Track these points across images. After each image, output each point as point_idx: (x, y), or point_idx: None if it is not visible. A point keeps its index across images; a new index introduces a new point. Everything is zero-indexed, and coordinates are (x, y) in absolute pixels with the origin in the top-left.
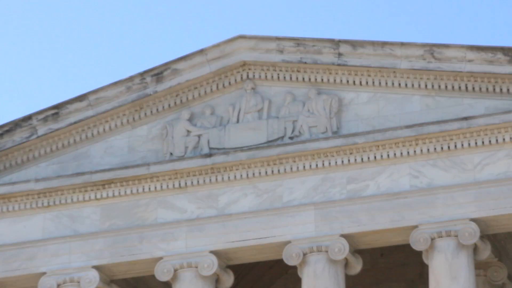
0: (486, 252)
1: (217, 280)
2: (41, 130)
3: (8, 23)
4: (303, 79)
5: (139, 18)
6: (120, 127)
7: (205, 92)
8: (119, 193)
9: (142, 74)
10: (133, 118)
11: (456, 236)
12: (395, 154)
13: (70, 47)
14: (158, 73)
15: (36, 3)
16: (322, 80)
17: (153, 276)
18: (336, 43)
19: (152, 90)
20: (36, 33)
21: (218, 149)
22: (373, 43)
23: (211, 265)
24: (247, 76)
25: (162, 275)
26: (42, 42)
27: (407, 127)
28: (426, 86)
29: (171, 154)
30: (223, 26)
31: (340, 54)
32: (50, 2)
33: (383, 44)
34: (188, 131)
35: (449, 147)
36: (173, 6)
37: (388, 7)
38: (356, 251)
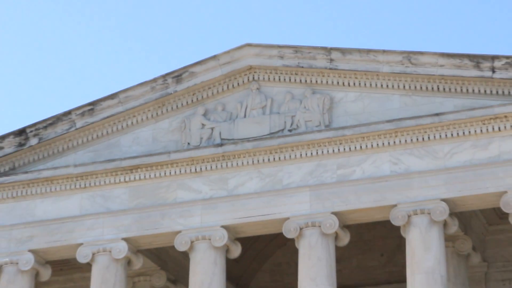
0: (454, 227)
1: (227, 250)
2: (79, 123)
3: (51, 31)
4: (300, 80)
5: (161, 29)
6: (145, 121)
7: (217, 91)
8: (144, 176)
9: (164, 76)
10: (156, 113)
11: (429, 213)
12: (377, 144)
13: (103, 53)
14: (177, 75)
15: (75, 12)
16: (316, 81)
17: (172, 247)
18: (328, 50)
19: (172, 89)
20: (75, 42)
21: (228, 139)
22: (359, 51)
23: (222, 238)
24: (253, 78)
25: (181, 246)
26: (80, 49)
27: (388, 121)
28: (404, 87)
29: (188, 143)
30: (232, 34)
31: (331, 60)
32: (88, 14)
33: (368, 51)
34: (203, 124)
35: (423, 138)
36: (190, 17)
37: (373, 19)
38: (345, 226)
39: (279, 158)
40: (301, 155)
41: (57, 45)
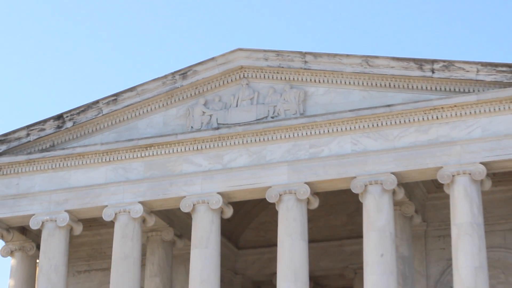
0: (400, 195)
1: (221, 212)
2: (105, 110)
3: (72, 32)
4: (281, 78)
5: (170, 34)
6: (157, 109)
7: (215, 86)
8: (157, 153)
9: (173, 74)
10: (166, 103)
11: (381, 184)
12: (341, 129)
13: (124, 55)
14: (183, 73)
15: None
16: (293, 79)
17: (178, 209)
18: (303, 54)
19: (179, 84)
20: (97, 45)
21: (223, 124)
22: (328, 55)
23: (217, 202)
24: (243, 76)
25: (185, 208)
26: (105, 52)
27: (350, 111)
28: (362, 83)
29: (191, 127)
30: (227, 39)
31: (306, 62)
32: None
33: (334, 55)
34: (203, 112)
35: (377, 124)
36: (193, 25)
37: (340, 27)
38: (315, 193)
39: (263, 139)
40: (280, 137)
41: (87, 48)
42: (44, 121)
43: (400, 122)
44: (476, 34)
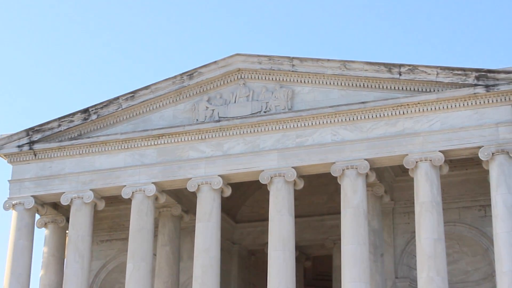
0: (372, 177)
1: (222, 191)
2: (124, 105)
3: (94, 34)
4: (272, 79)
5: (178, 40)
6: (168, 104)
7: (217, 85)
8: (167, 141)
9: (181, 74)
10: (176, 99)
11: (356, 168)
12: (323, 122)
13: (139, 57)
14: (190, 74)
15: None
16: (283, 80)
17: (185, 189)
18: (291, 59)
19: (186, 83)
20: (115, 49)
21: (223, 117)
22: (312, 59)
23: (218, 183)
24: (241, 77)
25: (191, 188)
26: (122, 53)
27: (330, 107)
28: (341, 84)
29: (196, 120)
30: (227, 45)
31: (293, 65)
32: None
33: (318, 60)
34: (207, 107)
35: (353, 118)
36: (198, 33)
37: (323, 34)
38: (300, 176)
39: (257, 130)
40: (272, 128)
41: (110, 53)
42: (73, 114)
43: (372, 116)
44: (438, 41)
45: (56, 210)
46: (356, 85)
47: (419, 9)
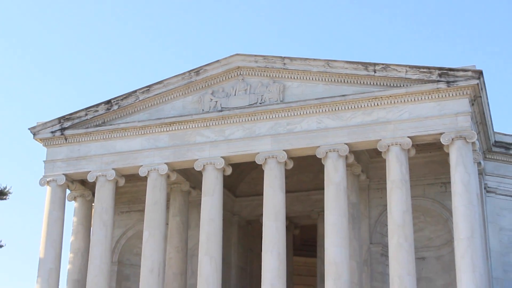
0: (351, 159)
1: (223, 170)
2: (141, 97)
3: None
4: (267, 75)
5: (187, 41)
6: (178, 97)
7: (219, 80)
8: (178, 128)
9: (189, 71)
10: (184, 92)
11: (337, 151)
12: (309, 112)
13: (153, 56)
14: (197, 71)
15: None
16: (276, 76)
17: (193, 168)
18: (282, 58)
19: (194, 79)
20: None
21: (225, 108)
22: (300, 58)
23: (221, 163)
24: (240, 73)
25: (198, 167)
26: (138, 52)
27: (316, 99)
28: (325, 80)
29: (202, 110)
30: (228, 45)
31: (284, 64)
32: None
33: (305, 59)
34: (211, 99)
35: (335, 109)
36: (202, 34)
37: (311, 36)
38: (290, 157)
39: (254, 119)
40: (266, 117)
41: (128, 51)
42: (97, 105)
43: (351, 107)
44: (409, 42)
45: (83, 186)
46: (337, 80)
47: (393, 15)
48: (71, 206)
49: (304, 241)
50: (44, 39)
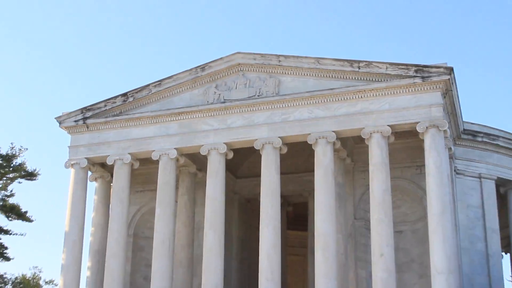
0: (338, 145)
1: (226, 155)
2: (153, 90)
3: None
4: (264, 71)
5: (194, 40)
6: (186, 90)
7: (222, 75)
8: (185, 117)
9: (196, 68)
10: (191, 86)
11: (326, 138)
12: (301, 103)
13: (164, 54)
14: (202, 67)
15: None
16: (272, 71)
17: (199, 153)
18: (278, 56)
19: (200, 74)
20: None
21: (227, 100)
22: (293, 56)
23: (223, 148)
24: (240, 69)
25: (203, 152)
26: (150, 50)
27: (307, 92)
28: (315, 75)
29: (207, 101)
30: (231, 44)
31: (280, 61)
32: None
33: (297, 57)
34: (215, 92)
35: (324, 101)
36: (207, 33)
37: (303, 35)
38: (285, 143)
39: (252, 109)
40: (263, 108)
41: (141, 50)
42: (115, 97)
43: (338, 99)
44: (390, 42)
45: (103, 168)
46: (326, 76)
47: (376, 17)
48: (92, 186)
49: (296, 217)
50: (70, 41)
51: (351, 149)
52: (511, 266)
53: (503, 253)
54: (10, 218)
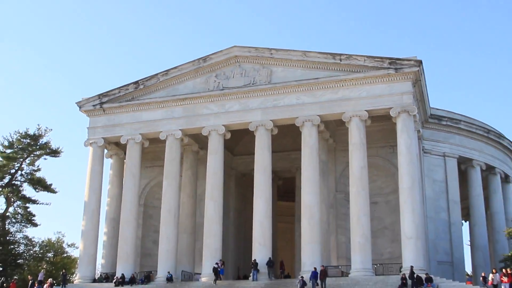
0: (322, 127)
1: (224, 135)
2: (161, 79)
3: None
4: (258, 62)
5: (196, 34)
6: (189, 79)
7: (221, 66)
8: (189, 103)
9: (198, 59)
10: (194, 75)
11: (311, 121)
12: (290, 91)
13: (169, 47)
14: (204, 59)
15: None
16: (265, 63)
17: (201, 133)
18: (270, 49)
19: (202, 65)
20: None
21: (226, 87)
22: (283, 50)
23: (222, 130)
24: (237, 61)
25: (204, 133)
26: (157, 43)
27: (295, 81)
28: (302, 66)
29: (208, 89)
30: (229, 38)
31: (271, 53)
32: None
33: (287, 50)
34: (215, 80)
35: (309, 89)
36: (206, 28)
37: (296, 27)
38: (275, 126)
39: (248, 96)
40: (257, 95)
41: (150, 43)
42: (128, 85)
43: (322, 87)
44: (368, 36)
45: (117, 147)
46: (312, 67)
47: (356, 13)
48: (108, 162)
49: (286, 190)
50: (89, 34)
51: (333, 131)
52: (470, 232)
53: (463, 221)
54: (37, 190)
